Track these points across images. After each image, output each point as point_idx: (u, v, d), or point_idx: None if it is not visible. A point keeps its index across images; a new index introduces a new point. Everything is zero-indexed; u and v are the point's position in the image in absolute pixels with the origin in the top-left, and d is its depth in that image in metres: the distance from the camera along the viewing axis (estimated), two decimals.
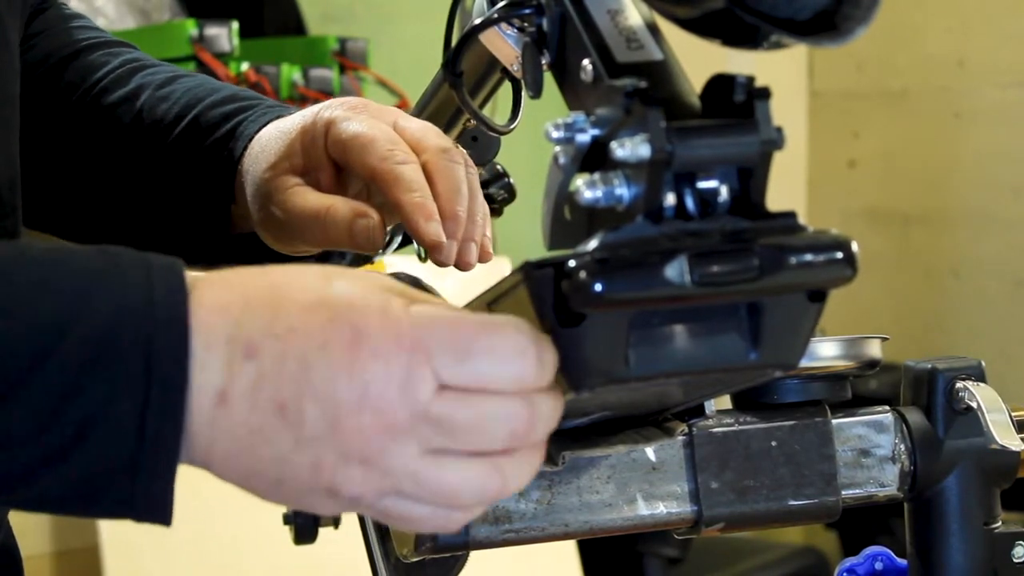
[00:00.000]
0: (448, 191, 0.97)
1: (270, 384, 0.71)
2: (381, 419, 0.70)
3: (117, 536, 2.33)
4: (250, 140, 1.05)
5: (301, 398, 0.70)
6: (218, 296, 0.72)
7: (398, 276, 1.22)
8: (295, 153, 1.01)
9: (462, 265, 0.98)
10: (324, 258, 1.25)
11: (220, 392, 0.71)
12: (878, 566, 1.03)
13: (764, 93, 0.72)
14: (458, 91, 0.96)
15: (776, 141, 0.72)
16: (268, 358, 0.71)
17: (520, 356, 0.71)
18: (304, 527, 1.18)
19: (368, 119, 0.99)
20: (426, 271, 1.28)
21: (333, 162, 1.01)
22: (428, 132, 0.99)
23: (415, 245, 1.28)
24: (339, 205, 0.99)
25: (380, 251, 1.27)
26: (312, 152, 1.01)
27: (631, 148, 0.71)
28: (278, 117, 1.06)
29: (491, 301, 0.78)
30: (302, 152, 1.01)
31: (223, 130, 1.06)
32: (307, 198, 1.00)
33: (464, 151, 1.01)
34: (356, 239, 0.98)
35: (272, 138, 1.03)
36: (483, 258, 1.00)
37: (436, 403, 0.71)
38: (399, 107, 1.14)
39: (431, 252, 0.96)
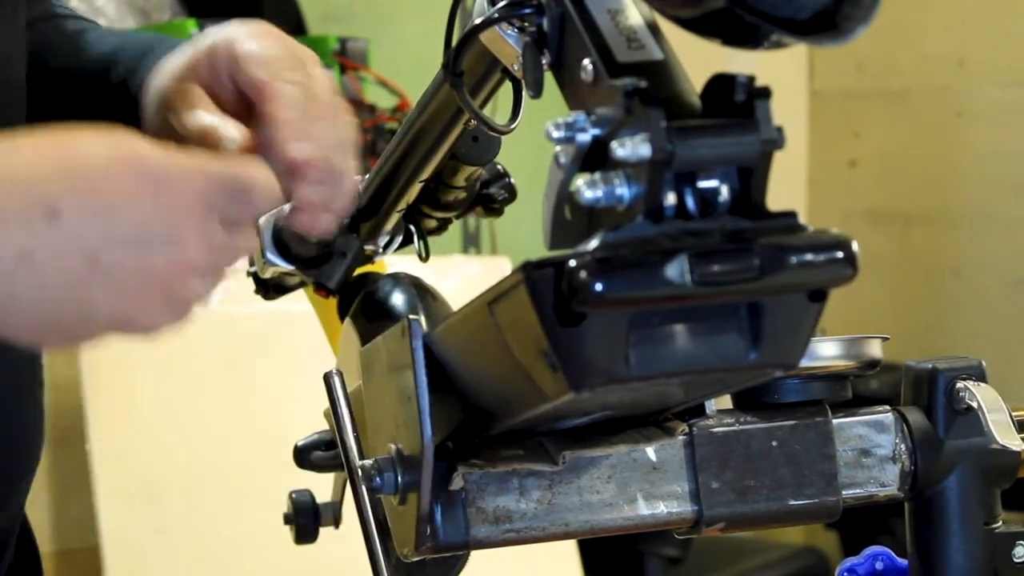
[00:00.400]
0: (327, 137, 0.96)
1: (77, 239, 0.76)
2: (186, 261, 0.79)
3: (117, 536, 2.33)
4: (158, 61, 1.05)
5: (111, 247, 0.77)
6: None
7: (398, 276, 1.23)
8: (201, 66, 1.00)
9: (310, 206, 0.96)
10: (325, 259, 1.25)
11: (21, 252, 0.75)
12: (879, 566, 1.03)
13: (764, 93, 0.72)
14: (459, 91, 0.95)
15: (776, 141, 0.72)
16: (74, 217, 0.76)
17: (272, 191, 0.85)
18: (305, 527, 1.18)
19: (274, 42, 0.99)
20: (426, 271, 1.28)
21: (238, 90, 0.99)
22: (331, 85, 0.99)
23: (415, 245, 1.28)
24: (221, 131, 0.97)
25: (380, 251, 1.27)
26: (215, 73, 1.00)
27: (632, 148, 0.71)
28: None
29: (491, 301, 0.78)
30: (207, 69, 1.00)
31: (135, 59, 1.06)
32: (200, 115, 0.99)
33: (355, 120, 1.01)
34: None
35: (179, 55, 1.03)
36: (333, 221, 1.00)
37: (224, 240, 0.82)
38: (400, 107, 1.14)
39: (292, 173, 0.93)
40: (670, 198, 0.72)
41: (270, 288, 1.34)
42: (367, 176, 1.22)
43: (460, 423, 0.88)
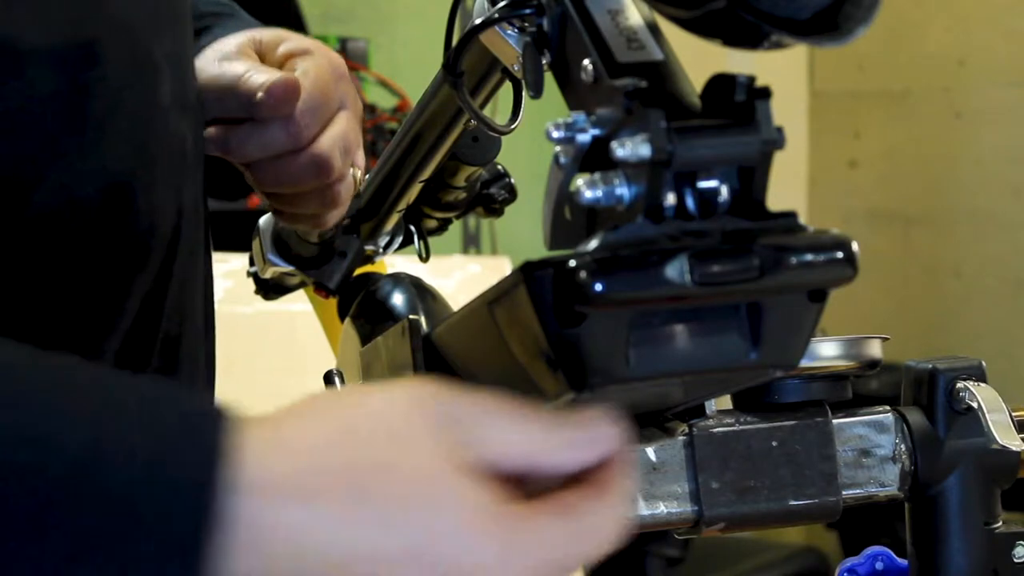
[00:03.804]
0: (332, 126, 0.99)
1: None
2: None
3: None
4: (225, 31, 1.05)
5: None
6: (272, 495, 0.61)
7: (398, 276, 1.23)
8: (257, 43, 1.03)
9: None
10: (325, 259, 1.25)
11: None
12: (879, 566, 1.03)
13: (765, 93, 0.72)
14: (459, 91, 0.95)
15: (777, 141, 0.72)
16: None
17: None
18: None
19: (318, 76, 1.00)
20: (426, 271, 1.28)
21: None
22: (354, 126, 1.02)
23: (415, 245, 1.28)
24: (252, 75, 0.98)
25: (380, 251, 1.27)
26: (265, 50, 1.03)
27: (631, 148, 0.71)
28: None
29: (491, 301, 0.78)
30: (258, 46, 1.02)
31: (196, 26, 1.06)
32: (236, 63, 1.00)
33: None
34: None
35: (238, 35, 1.04)
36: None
37: None
38: (400, 107, 1.14)
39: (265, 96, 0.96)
40: (670, 198, 0.72)
41: (270, 288, 1.34)
42: (367, 176, 1.22)
43: None
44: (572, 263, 0.71)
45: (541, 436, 0.67)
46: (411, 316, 0.96)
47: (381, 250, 1.27)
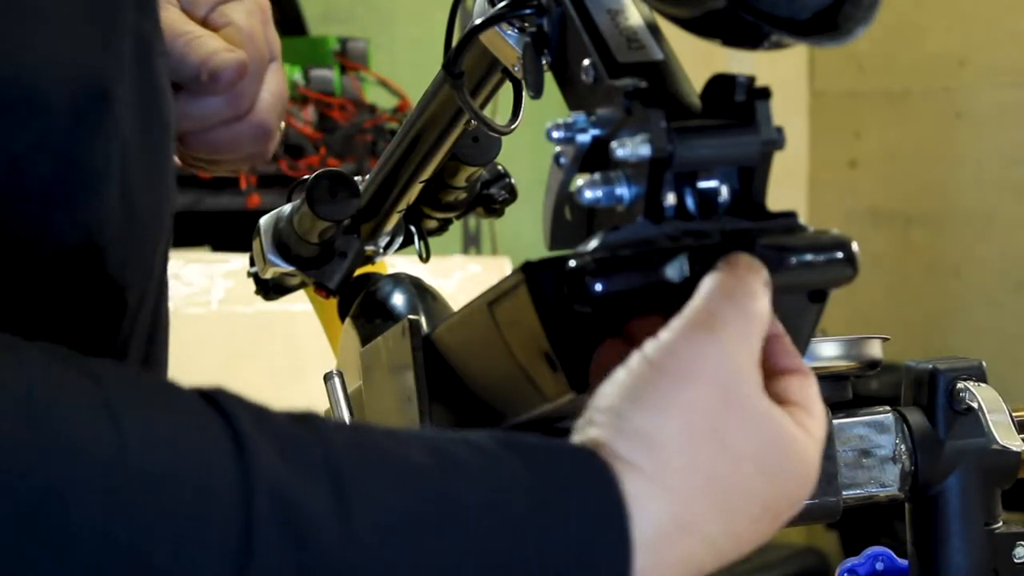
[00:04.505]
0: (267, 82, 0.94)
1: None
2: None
3: None
4: None
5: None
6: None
7: (398, 277, 1.23)
8: None
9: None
10: (325, 259, 1.25)
11: None
12: (879, 566, 1.03)
13: (765, 93, 0.72)
14: (459, 91, 0.95)
15: (777, 141, 0.72)
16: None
17: None
18: None
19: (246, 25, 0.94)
20: (426, 271, 1.28)
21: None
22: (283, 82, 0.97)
23: (416, 245, 1.28)
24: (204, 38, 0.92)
25: (381, 251, 1.27)
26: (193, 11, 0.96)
27: (632, 148, 0.71)
28: None
29: (491, 301, 0.78)
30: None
31: None
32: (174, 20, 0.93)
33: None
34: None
35: None
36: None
37: None
38: (400, 108, 1.13)
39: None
40: (670, 198, 0.72)
41: (270, 288, 1.34)
42: (368, 177, 1.22)
43: (460, 423, 0.88)
44: (572, 263, 0.71)
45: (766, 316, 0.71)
46: (411, 316, 0.96)
47: (381, 250, 1.27)
